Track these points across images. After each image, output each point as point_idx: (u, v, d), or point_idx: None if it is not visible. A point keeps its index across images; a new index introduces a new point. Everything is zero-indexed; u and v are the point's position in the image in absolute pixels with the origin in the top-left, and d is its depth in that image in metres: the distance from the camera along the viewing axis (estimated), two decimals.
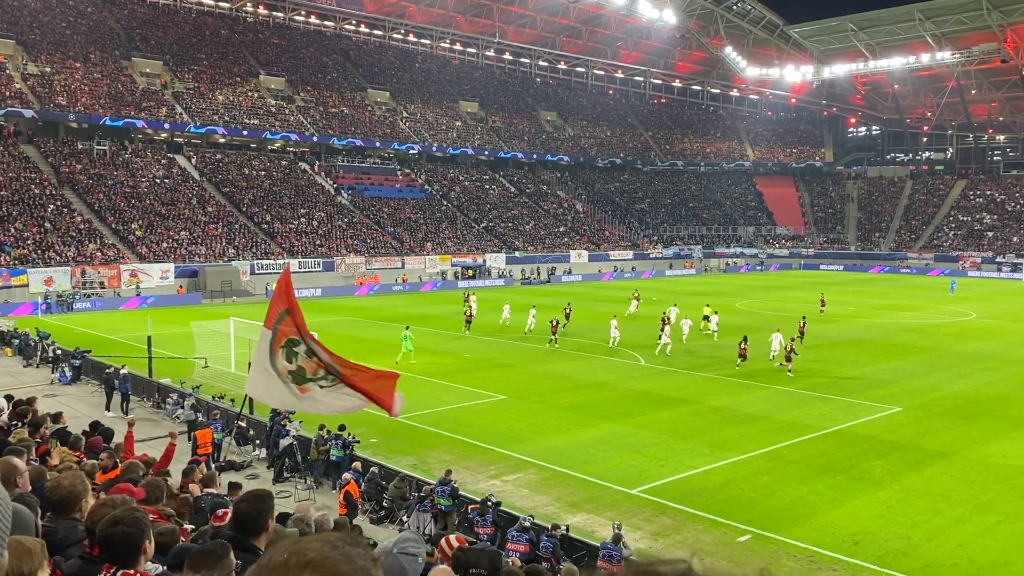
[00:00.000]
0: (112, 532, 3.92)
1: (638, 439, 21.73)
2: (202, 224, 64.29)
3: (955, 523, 15.81)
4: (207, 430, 20.05)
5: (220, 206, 67.84)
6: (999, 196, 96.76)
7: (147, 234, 60.61)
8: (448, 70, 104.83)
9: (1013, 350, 35.62)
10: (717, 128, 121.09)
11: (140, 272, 56.45)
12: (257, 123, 78.13)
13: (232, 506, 4.95)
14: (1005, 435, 22.01)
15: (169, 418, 24.29)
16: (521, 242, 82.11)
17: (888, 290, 66.37)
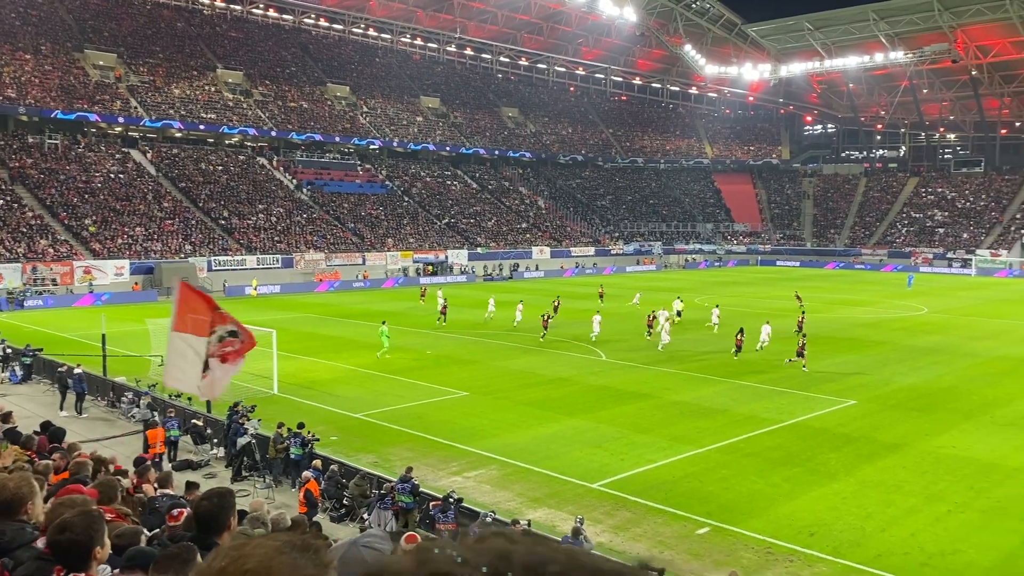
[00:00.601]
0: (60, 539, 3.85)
1: (599, 434, 21.87)
2: (158, 220, 63.19)
3: (907, 513, 16.17)
4: (158, 430, 19.72)
5: (176, 202, 66.73)
6: (950, 193, 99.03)
7: (101, 230, 59.41)
8: (409, 65, 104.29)
9: (963, 344, 36.51)
10: (676, 126, 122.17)
11: (94, 269, 55.30)
12: (214, 117, 76.96)
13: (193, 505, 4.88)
14: (955, 427, 22.57)
15: (124, 417, 23.87)
16: (483, 238, 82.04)
17: (843, 286, 67.58)
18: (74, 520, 3.95)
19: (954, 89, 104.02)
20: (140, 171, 68.45)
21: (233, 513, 4.72)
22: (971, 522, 15.70)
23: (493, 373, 29.94)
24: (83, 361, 26.97)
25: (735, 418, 23.49)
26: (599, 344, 35.98)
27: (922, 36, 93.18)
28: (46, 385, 27.85)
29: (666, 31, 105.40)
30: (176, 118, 74.00)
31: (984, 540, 14.84)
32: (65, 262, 54.48)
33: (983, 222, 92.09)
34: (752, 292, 59.82)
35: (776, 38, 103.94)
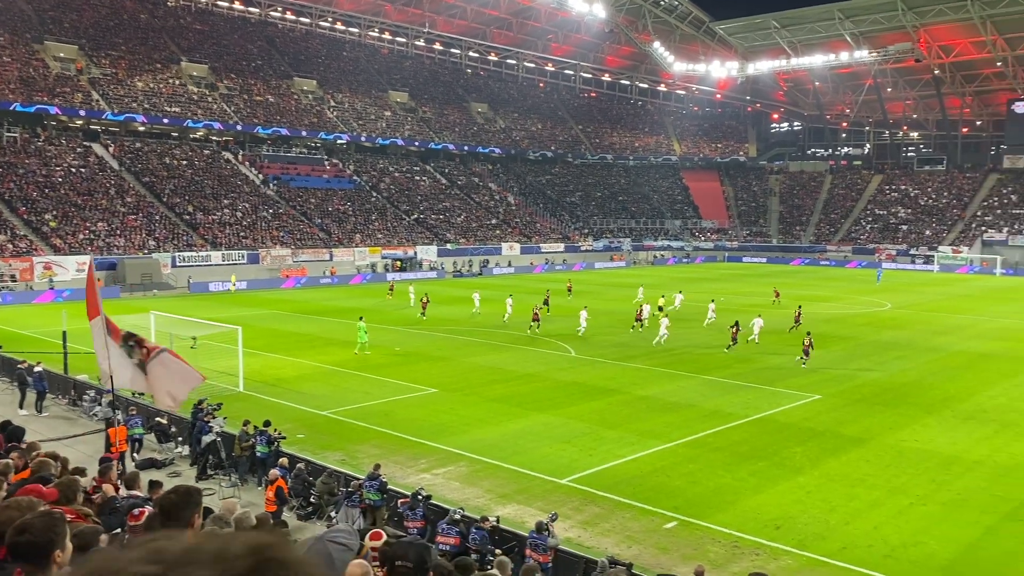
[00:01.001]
0: (19, 541, 3.73)
1: (568, 429, 21.90)
2: (121, 215, 62.16)
3: (871, 506, 16.39)
4: (121, 428, 19.37)
5: (140, 196, 65.69)
6: (913, 191, 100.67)
7: (62, 225, 58.32)
8: (377, 59, 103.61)
9: (926, 339, 37.12)
10: (645, 123, 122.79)
11: (54, 265, 54.29)
12: (178, 111, 75.84)
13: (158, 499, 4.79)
14: (918, 421, 22.93)
15: (86, 415, 23.45)
16: (453, 234, 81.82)
17: (808, 281, 68.40)
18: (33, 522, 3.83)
19: (917, 88, 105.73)
20: (102, 165, 67.27)
21: (198, 511, 4.63)
22: (932, 514, 15.96)
23: (462, 369, 29.86)
24: (44, 359, 26.45)
25: (702, 413, 23.66)
26: (568, 340, 36.05)
27: (886, 35, 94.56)
28: (5, 383, 27.26)
29: (635, 28, 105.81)
30: (139, 111, 72.78)
31: (945, 532, 15.09)
32: (24, 258, 53.40)
33: (945, 219, 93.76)
34: (721, 288, 60.27)
35: (743, 36, 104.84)
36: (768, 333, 36.26)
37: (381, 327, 40.07)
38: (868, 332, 38.85)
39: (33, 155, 63.94)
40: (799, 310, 39.91)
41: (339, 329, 39.37)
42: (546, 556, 12.43)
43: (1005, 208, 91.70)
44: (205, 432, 19.03)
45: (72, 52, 74.94)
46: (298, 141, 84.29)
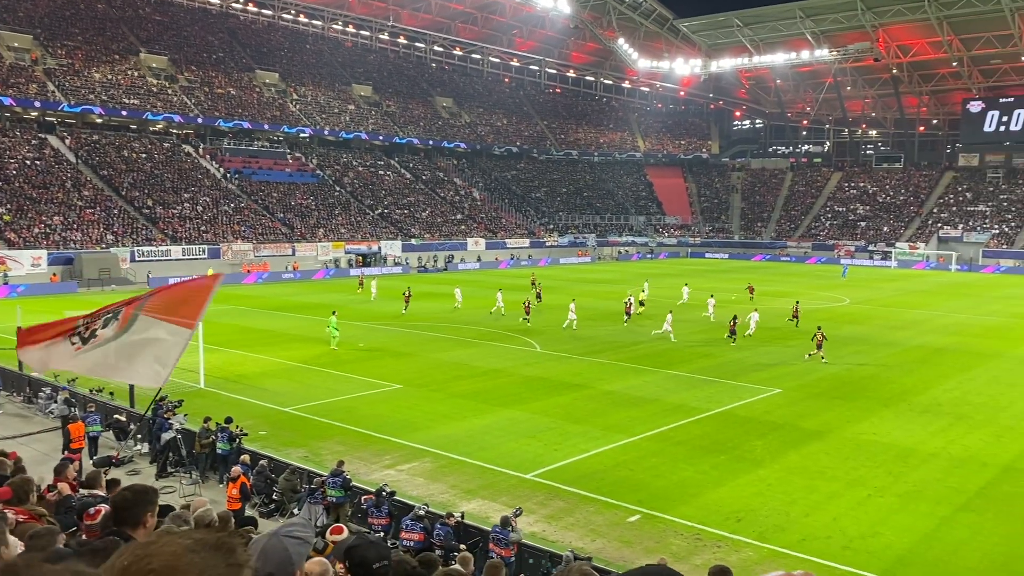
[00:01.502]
0: None
1: (533, 424, 21.95)
2: (78, 209, 60.94)
3: (829, 498, 16.67)
4: (80, 423, 19.05)
5: (97, 190, 64.45)
6: (871, 188, 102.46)
7: (16, 219, 57.01)
8: (341, 52, 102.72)
9: (883, 333, 37.82)
10: (610, 119, 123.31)
11: (8, 259, 53.08)
12: (137, 103, 74.48)
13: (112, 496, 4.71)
14: (875, 414, 23.36)
15: (42, 413, 22.98)
16: (418, 229, 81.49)
17: (769, 277, 69.26)
18: None
19: (876, 87, 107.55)
20: (58, 158, 65.87)
21: (151, 509, 4.56)
22: (889, 506, 16.28)
23: (427, 365, 29.78)
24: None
25: (666, 407, 23.87)
26: (533, 335, 36.12)
27: (846, 35, 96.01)
28: None
29: (600, 24, 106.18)
30: (96, 103, 71.36)
31: (901, 523, 15.40)
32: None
33: (902, 216, 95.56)
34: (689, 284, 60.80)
35: (707, 34, 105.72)
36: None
37: (345, 323, 39.77)
38: (827, 327, 39.36)
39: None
40: (797, 306, 40.66)
41: (302, 325, 39.04)
42: (509, 551, 12.47)
43: (960, 205, 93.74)
44: (165, 429, 18.76)
45: (26, 42, 73.20)
46: (260, 135, 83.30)
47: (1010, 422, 22.65)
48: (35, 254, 54.54)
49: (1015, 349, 34.15)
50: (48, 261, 55.13)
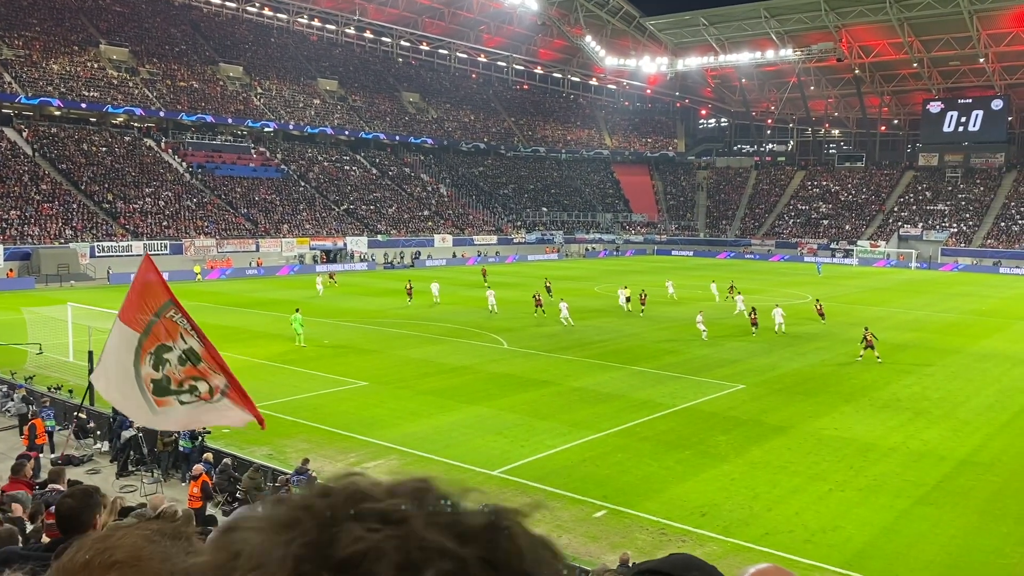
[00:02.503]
0: None
1: (500, 421, 21.96)
2: (35, 203, 59.68)
3: (792, 492, 16.90)
4: (40, 420, 18.75)
5: (56, 184, 63.15)
6: (834, 187, 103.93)
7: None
8: (306, 46, 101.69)
9: (844, 331, 38.35)
10: (577, 116, 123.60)
11: None
12: (97, 96, 73.07)
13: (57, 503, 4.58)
14: (836, 409, 23.71)
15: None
16: (384, 225, 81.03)
17: (733, 275, 69.89)
18: None
19: (838, 87, 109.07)
20: (15, 151, 64.42)
21: (99, 511, 4.45)
22: (850, 500, 16.54)
23: (393, 362, 29.64)
24: None
25: (632, 403, 24.01)
26: (501, 332, 36.12)
27: (810, 35, 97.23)
28: None
29: (567, 21, 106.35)
30: (55, 95, 69.88)
31: (862, 516, 15.66)
32: None
33: (864, 214, 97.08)
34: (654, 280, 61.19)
35: (673, 32, 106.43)
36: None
37: (309, 319, 39.44)
38: (789, 324, 39.92)
39: None
40: (819, 305, 41.17)
41: (266, 322, 38.64)
42: None
43: (920, 204, 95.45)
44: (125, 427, 18.47)
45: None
46: (223, 128, 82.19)
47: (967, 416, 23.13)
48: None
49: (973, 345, 34.87)
50: (4, 256, 53.91)
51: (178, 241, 63.17)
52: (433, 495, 0.87)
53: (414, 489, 0.87)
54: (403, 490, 0.86)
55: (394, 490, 0.85)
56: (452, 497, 0.90)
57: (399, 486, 0.87)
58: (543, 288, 47.21)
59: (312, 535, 0.78)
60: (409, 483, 0.88)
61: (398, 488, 0.86)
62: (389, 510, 0.82)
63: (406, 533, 0.80)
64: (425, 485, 0.88)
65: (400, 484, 0.87)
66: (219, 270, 62.23)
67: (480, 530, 0.87)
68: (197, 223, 66.75)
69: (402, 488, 0.86)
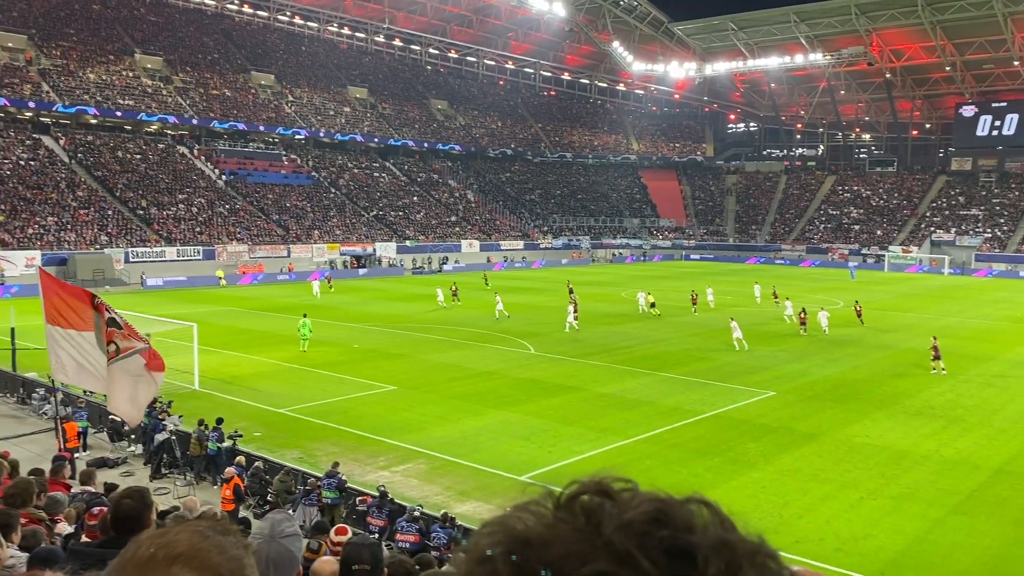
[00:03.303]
0: None
1: (527, 426, 21.99)
2: (72, 209, 60.79)
3: (822, 500, 16.74)
4: (74, 423, 19.14)
5: (92, 191, 64.31)
6: (865, 192, 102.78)
7: (10, 219, 56.84)
8: (336, 54, 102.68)
9: (875, 337, 37.95)
10: (604, 121, 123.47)
11: (3, 260, 52.92)
12: (132, 104, 74.34)
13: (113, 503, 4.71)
14: (868, 416, 23.45)
15: (36, 414, 22.95)
16: (412, 231, 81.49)
17: (763, 280, 69.35)
18: None
19: (869, 91, 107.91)
20: (52, 158, 65.71)
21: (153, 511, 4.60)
22: (882, 508, 16.35)
23: (421, 367, 29.79)
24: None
25: (660, 410, 23.92)
26: (528, 337, 36.16)
27: (840, 39, 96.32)
28: None
29: (594, 27, 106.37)
30: (91, 104, 71.21)
31: (894, 525, 15.47)
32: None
33: (895, 220, 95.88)
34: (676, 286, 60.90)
35: (701, 37, 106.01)
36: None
37: (339, 324, 39.80)
38: (820, 330, 39.58)
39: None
40: (858, 306, 42.18)
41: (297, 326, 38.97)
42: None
43: (953, 209, 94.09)
44: (158, 430, 18.76)
45: (21, 42, 72.98)
46: (255, 136, 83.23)
47: (1002, 425, 22.77)
48: (29, 255, 54.39)
49: (1007, 352, 34.30)
50: (42, 262, 54.90)
51: (211, 247, 64.00)
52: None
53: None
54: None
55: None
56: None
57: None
58: (567, 290, 47.39)
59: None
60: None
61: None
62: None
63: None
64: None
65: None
66: (251, 275, 62.94)
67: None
68: (229, 229, 67.59)
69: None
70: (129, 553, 1.23)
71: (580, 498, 0.98)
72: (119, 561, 1.23)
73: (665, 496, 1.01)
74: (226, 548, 1.26)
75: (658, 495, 1.00)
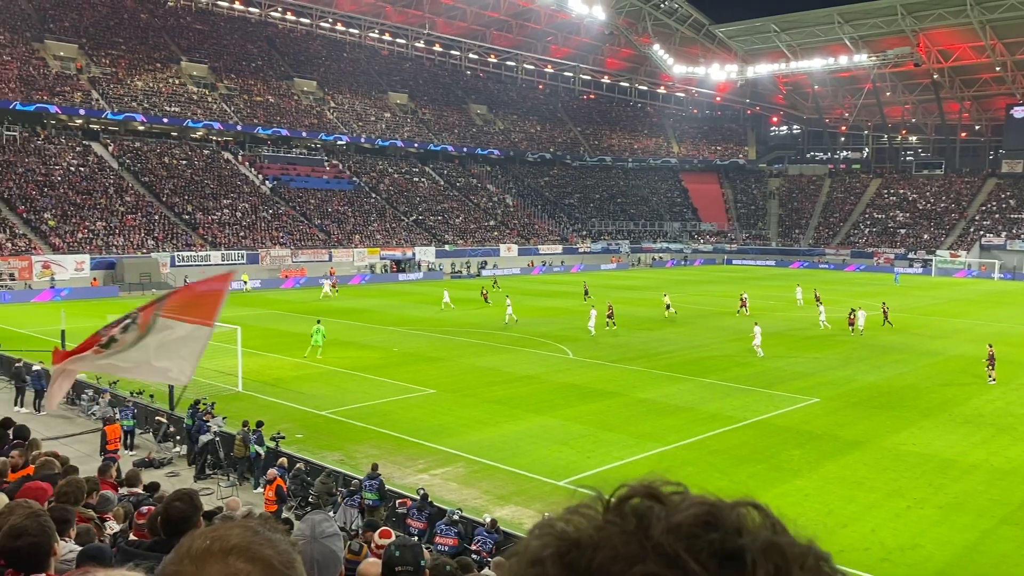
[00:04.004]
0: (18, 546, 3.75)
1: (566, 431, 21.92)
2: (119, 214, 62.16)
3: (868, 509, 16.42)
4: (116, 425, 19.53)
5: (139, 196, 65.70)
6: (911, 195, 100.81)
7: (60, 224, 58.31)
8: (377, 60, 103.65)
9: (922, 343, 37.18)
10: (644, 125, 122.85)
11: (53, 264, 54.30)
12: (178, 111, 75.86)
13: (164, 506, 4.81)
14: (915, 424, 22.96)
15: (84, 415, 23.47)
16: (451, 236, 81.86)
17: (807, 285, 68.36)
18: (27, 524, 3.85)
19: (916, 92, 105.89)
20: (101, 164, 67.28)
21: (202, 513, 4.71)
22: (929, 517, 16.00)
23: (460, 371, 29.89)
24: (41, 357, 26.42)
25: (701, 416, 23.69)
26: (566, 342, 36.08)
27: (885, 40, 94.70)
28: (3, 382, 27.27)
29: (635, 30, 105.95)
30: (139, 111, 72.80)
31: (942, 535, 15.13)
32: (23, 257, 53.40)
33: (943, 223, 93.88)
34: (717, 291, 60.30)
35: (743, 39, 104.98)
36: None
37: (379, 328, 40.11)
38: (866, 336, 38.90)
39: (32, 154, 63.94)
40: (885, 307, 42.78)
41: (338, 329, 39.38)
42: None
43: (1003, 212, 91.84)
44: (203, 431, 19.06)
45: (72, 51, 74.95)
46: (298, 142, 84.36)
47: None
48: (79, 259, 55.73)
49: None
50: (91, 266, 56.28)
51: (254, 251, 64.95)
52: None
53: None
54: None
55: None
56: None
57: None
58: (582, 292, 47.25)
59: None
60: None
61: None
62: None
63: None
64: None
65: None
66: (294, 279, 63.74)
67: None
68: (272, 234, 68.56)
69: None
70: (185, 546, 1.30)
71: (630, 501, 1.00)
72: (175, 554, 1.29)
73: (715, 499, 1.03)
74: (277, 543, 1.32)
75: (707, 498, 1.02)
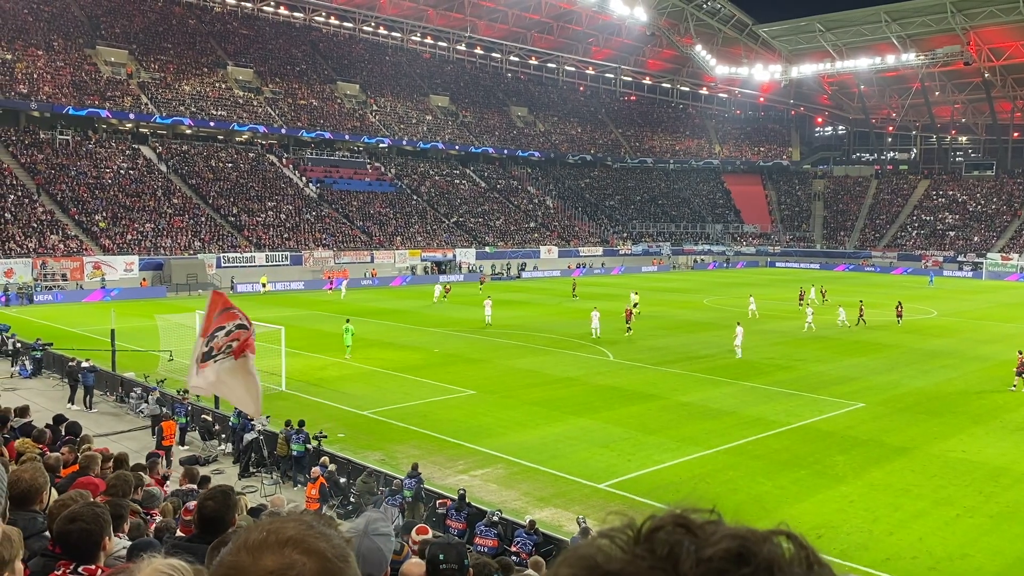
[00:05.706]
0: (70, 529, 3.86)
1: (606, 434, 21.84)
2: (167, 216, 63.41)
3: (915, 517, 16.10)
4: (171, 422, 19.96)
5: (186, 198, 66.96)
6: (961, 196, 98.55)
7: (111, 226, 59.67)
8: (419, 63, 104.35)
9: (972, 348, 36.32)
10: (686, 126, 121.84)
11: (104, 264, 55.56)
12: (224, 114, 77.18)
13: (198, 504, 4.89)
14: (964, 431, 22.45)
15: (133, 412, 23.98)
16: (491, 237, 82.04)
17: (853, 288, 67.22)
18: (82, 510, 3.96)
19: (966, 92, 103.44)
20: (150, 167, 68.71)
21: (236, 511, 4.73)
22: (980, 526, 15.62)
23: (500, 372, 29.95)
24: (92, 356, 27.06)
25: (743, 420, 23.43)
26: (606, 344, 35.95)
27: (934, 38, 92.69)
28: (56, 379, 27.99)
29: (676, 31, 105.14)
30: (186, 115, 74.25)
31: (992, 545, 14.76)
32: (75, 257, 54.74)
33: (994, 225, 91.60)
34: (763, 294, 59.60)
35: (787, 39, 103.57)
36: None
37: (419, 329, 40.37)
38: (913, 340, 38.14)
39: (84, 157, 65.54)
40: (899, 307, 44.04)
41: (380, 330, 39.74)
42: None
43: None
44: (247, 430, 19.36)
45: (123, 57, 76.70)
46: (341, 145, 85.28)
47: None
48: (128, 260, 56.98)
49: None
50: (139, 266, 57.50)
51: (298, 252, 65.80)
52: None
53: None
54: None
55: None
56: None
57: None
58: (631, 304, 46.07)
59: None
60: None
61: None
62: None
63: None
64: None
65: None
66: (336, 280, 64.41)
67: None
68: (316, 235, 69.38)
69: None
70: (242, 538, 1.34)
71: (660, 531, 0.99)
72: (233, 545, 1.34)
73: (747, 531, 0.99)
74: (331, 537, 1.36)
75: (739, 530, 0.98)
